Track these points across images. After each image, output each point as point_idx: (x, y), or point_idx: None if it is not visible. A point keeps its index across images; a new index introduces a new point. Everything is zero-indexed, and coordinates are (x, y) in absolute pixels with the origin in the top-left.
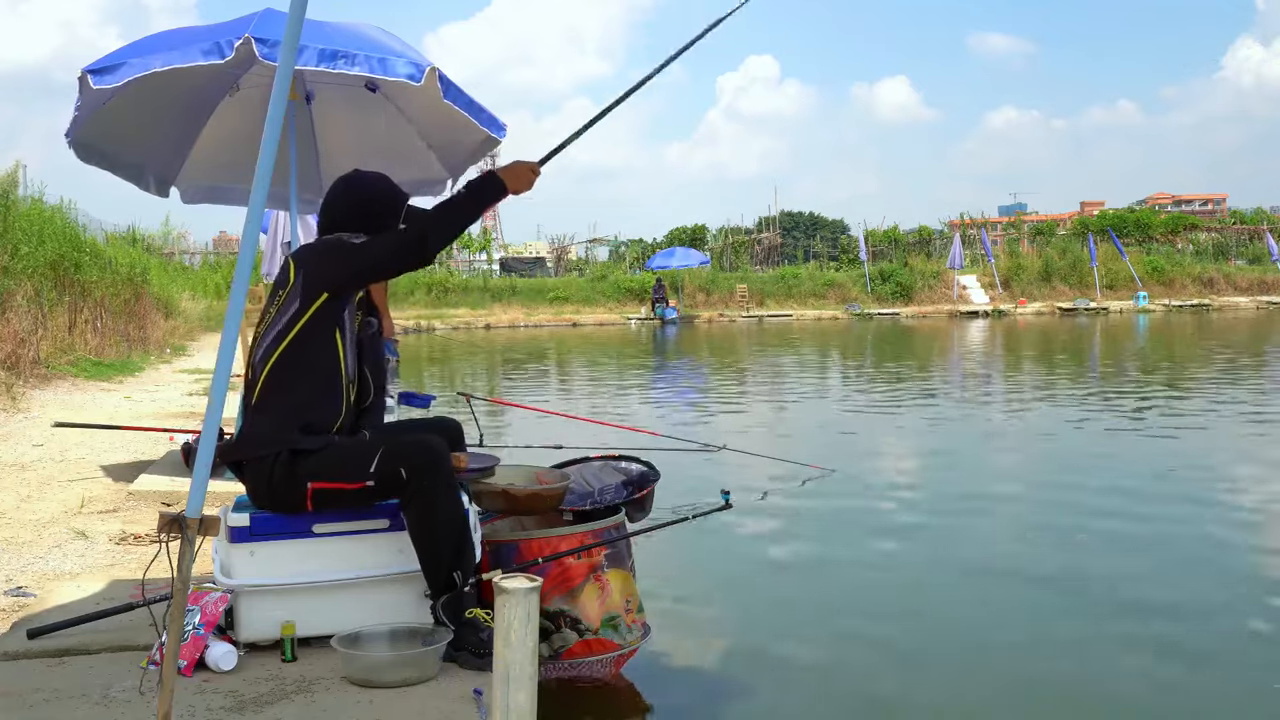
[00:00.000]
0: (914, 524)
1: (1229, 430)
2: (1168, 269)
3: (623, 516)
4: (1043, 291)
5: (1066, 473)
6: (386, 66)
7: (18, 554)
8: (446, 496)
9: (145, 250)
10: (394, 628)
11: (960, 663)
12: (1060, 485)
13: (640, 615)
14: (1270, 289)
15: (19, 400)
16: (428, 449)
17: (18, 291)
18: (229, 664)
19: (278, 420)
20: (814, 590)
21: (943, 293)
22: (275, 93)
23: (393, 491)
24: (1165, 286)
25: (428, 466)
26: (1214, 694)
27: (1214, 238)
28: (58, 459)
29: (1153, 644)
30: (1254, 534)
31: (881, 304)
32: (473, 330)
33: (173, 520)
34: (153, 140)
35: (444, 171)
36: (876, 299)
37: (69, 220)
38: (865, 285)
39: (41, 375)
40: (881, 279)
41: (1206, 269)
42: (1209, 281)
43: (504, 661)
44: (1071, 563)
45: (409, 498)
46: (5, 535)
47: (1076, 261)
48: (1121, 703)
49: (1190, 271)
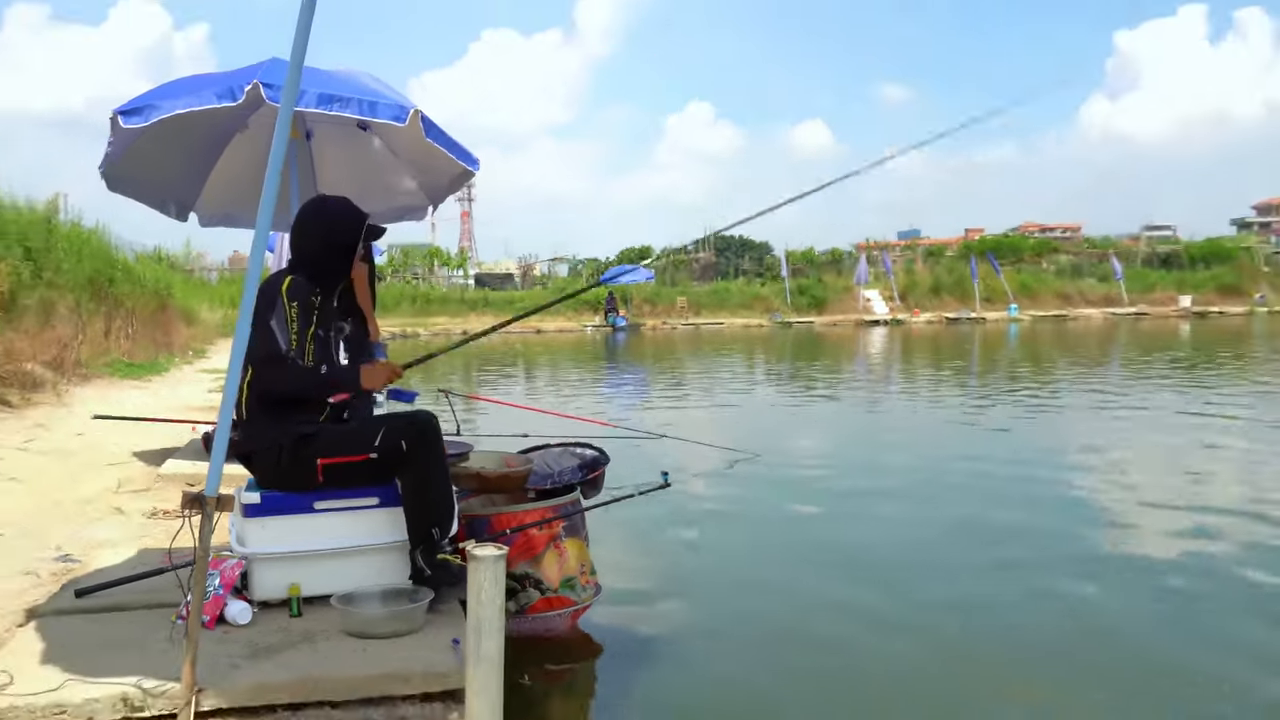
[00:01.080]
0: (821, 496)
1: (1083, 414)
2: (1034, 285)
3: (578, 494)
4: (933, 303)
5: (948, 448)
6: (375, 109)
7: (65, 526)
8: (438, 467)
9: (169, 267)
10: (384, 588)
11: (857, 597)
12: (943, 459)
13: (593, 577)
14: (1114, 303)
15: (63, 396)
16: (424, 426)
17: (61, 303)
18: (245, 619)
19: (274, 416)
20: (739, 552)
21: (850, 304)
22: (278, 131)
23: (393, 462)
24: (1032, 300)
25: (424, 440)
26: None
27: (1071, 260)
28: (97, 446)
29: (1004, 564)
30: (1088, 480)
31: (799, 314)
32: (451, 336)
33: (195, 498)
34: (174, 172)
35: (426, 199)
36: (795, 309)
37: (104, 242)
38: (786, 298)
39: (82, 375)
40: (799, 292)
41: (1065, 286)
42: (1067, 296)
43: (476, 616)
44: (947, 517)
45: (406, 466)
46: (54, 511)
47: (961, 278)
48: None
49: (1052, 287)
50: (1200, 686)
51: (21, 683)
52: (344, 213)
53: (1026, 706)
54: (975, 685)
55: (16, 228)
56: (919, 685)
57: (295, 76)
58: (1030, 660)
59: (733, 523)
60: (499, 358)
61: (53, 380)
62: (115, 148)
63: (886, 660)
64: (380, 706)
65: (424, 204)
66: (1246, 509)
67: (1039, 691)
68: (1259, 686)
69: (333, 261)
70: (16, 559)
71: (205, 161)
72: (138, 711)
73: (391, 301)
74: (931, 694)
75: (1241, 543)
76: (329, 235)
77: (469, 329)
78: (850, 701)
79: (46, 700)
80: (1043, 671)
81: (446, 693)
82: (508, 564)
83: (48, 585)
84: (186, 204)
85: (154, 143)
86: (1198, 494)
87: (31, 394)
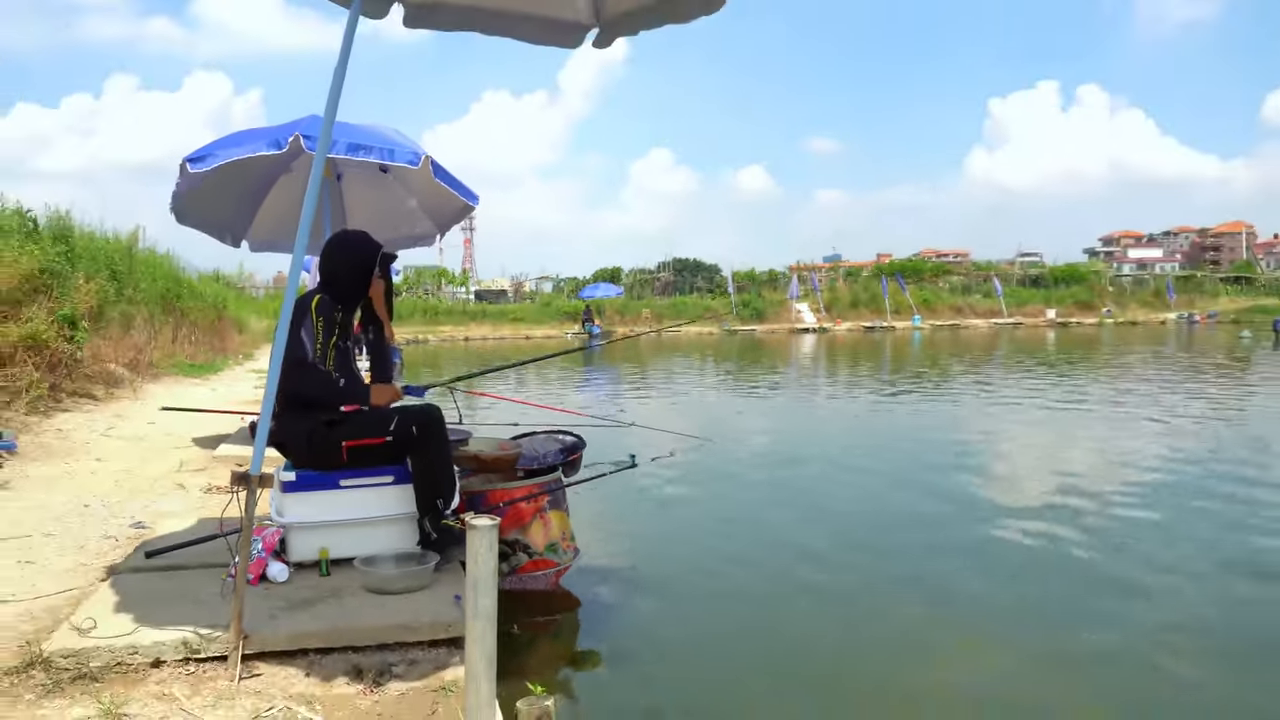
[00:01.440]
0: (765, 472)
1: (974, 403)
2: (933, 300)
3: (560, 473)
4: (852, 315)
5: (867, 435)
6: (394, 154)
7: (137, 499)
8: (442, 449)
9: (225, 285)
10: (398, 552)
11: (796, 552)
12: (864, 444)
13: (573, 542)
14: (997, 315)
15: (137, 392)
16: (431, 415)
17: (138, 315)
18: (283, 577)
19: (300, 413)
20: (697, 521)
21: (785, 315)
22: (314, 173)
23: (406, 443)
24: (931, 312)
25: (432, 426)
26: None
27: (962, 279)
28: (164, 433)
29: (901, 535)
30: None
31: (744, 323)
32: (455, 342)
33: (241, 476)
34: (230, 207)
35: (434, 229)
36: (740, 319)
37: (173, 265)
38: (732, 310)
39: (153, 374)
40: (744, 305)
41: (957, 301)
42: (959, 309)
43: (473, 575)
44: (871, 482)
45: (416, 448)
46: (129, 486)
47: (874, 294)
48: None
49: (948, 302)
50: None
51: (104, 627)
52: (362, 243)
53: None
54: (882, 620)
55: (105, 255)
56: (836, 618)
57: (328, 129)
58: (951, 602)
59: (691, 495)
60: (495, 360)
61: (130, 378)
62: (182, 188)
63: (814, 598)
64: (395, 651)
65: (433, 232)
66: (1097, 473)
67: (986, 647)
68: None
69: (353, 282)
70: (100, 526)
71: (255, 198)
72: (195, 654)
73: (406, 313)
74: (843, 635)
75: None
76: (350, 261)
77: (469, 336)
78: (786, 639)
79: (123, 643)
80: (971, 615)
81: (450, 640)
82: (500, 532)
83: (124, 548)
84: (240, 233)
85: (214, 184)
86: (1056, 462)
87: (113, 389)
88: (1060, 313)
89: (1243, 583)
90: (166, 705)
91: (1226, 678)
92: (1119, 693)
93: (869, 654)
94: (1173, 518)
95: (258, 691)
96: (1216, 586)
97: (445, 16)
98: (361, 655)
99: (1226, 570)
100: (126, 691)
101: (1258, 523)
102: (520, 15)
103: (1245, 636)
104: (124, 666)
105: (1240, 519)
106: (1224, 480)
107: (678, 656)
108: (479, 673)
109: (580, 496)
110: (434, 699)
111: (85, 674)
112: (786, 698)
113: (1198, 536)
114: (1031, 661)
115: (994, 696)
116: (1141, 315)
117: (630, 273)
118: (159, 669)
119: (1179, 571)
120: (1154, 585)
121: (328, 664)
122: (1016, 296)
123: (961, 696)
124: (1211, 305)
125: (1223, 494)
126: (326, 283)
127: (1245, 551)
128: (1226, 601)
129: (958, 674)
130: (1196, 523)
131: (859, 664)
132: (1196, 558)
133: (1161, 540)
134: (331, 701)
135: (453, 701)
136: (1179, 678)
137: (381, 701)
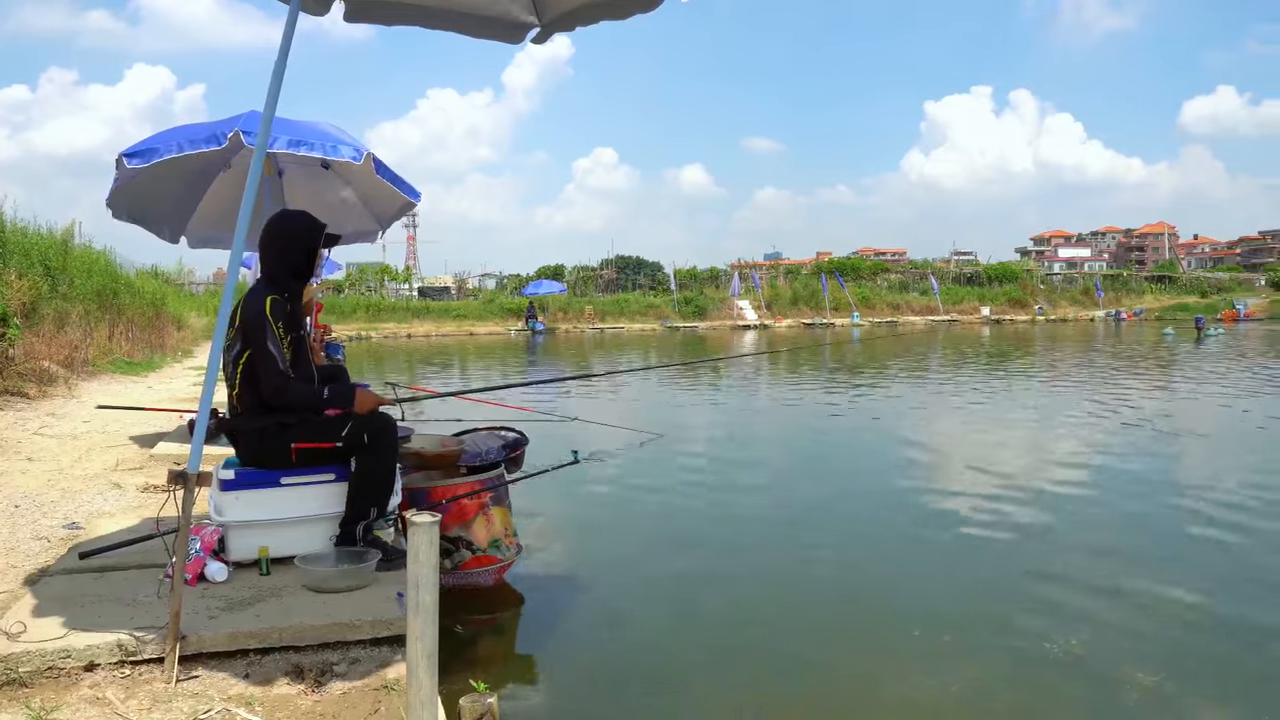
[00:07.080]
0: (712, 467)
1: (914, 392)
2: (871, 297)
3: (503, 470)
4: (792, 312)
5: (806, 427)
6: (336, 150)
7: (72, 499)
8: (390, 459)
9: (164, 282)
10: (339, 550)
11: (737, 545)
12: (805, 436)
13: (515, 538)
14: (933, 311)
15: (73, 389)
16: (384, 425)
17: (73, 311)
18: (222, 576)
19: (263, 410)
20: (640, 516)
21: (727, 312)
22: (253, 169)
23: (355, 449)
24: (870, 309)
25: (383, 434)
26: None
27: (899, 277)
28: (100, 431)
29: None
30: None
31: (685, 320)
32: (398, 339)
33: (179, 475)
34: (168, 203)
35: (376, 225)
36: (682, 316)
37: (110, 261)
38: (674, 307)
39: (89, 371)
40: (685, 303)
41: (895, 298)
42: (897, 306)
43: (414, 572)
44: (811, 470)
45: (364, 454)
46: (63, 485)
47: (814, 292)
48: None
49: (885, 300)
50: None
51: (34, 631)
52: (304, 221)
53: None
54: (822, 607)
55: (39, 250)
56: (775, 611)
57: (267, 124)
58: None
59: (634, 490)
60: (438, 356)
61: (64, 376)
62: (119, 183)
63: (757, 591)
64: (336, 650)
65: (375, 228)
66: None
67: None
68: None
69: (297, 263)
70: (31, 526)
71: (194, 194)
72: (131, 656)
73: (348, 309)
74: (783, 627)
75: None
76: (293, 240)
77: (413, 333)
78: (728, 633)
79: (54, 646)
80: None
81: (392, 638)
82: (443, 528)
83: (57, 549)
84: (178, 229)
85: (152, 179)
86: (987, 446)
87: (47, 387)
88: (994, 310)
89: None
90: (100, 709)
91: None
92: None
93: (806, 644)
94: (1110, 506)
95: (196, 693)
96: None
97: (385, 11)
98: (302, 655)
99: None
100: (58, 696)
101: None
102: (460, 11)
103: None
104: (55, 671)
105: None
106: (1158, 471)
107: (620, 652)
108: (420, 670)
109: (522, 492)
110: (376, 697)
111: (14, 679)
112: (728, 692)
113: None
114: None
115: (922, 670)
116: (1072, 313)
117: (573, 270)
118: (93, 672)
119: (1108, 554)
120: (1071, 566)
121: (268, 664)
122: (952, 294)
123: (913, 680)
124: (1138, 303)
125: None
126: (269, 269)
127: (1173, 537)
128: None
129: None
130: (1139, 514)
131: (796, 656)
132: (1125, 545)
133: (1085, 526)
134: (272, 702)
135: (395, 700)
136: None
137: (323, 701)
